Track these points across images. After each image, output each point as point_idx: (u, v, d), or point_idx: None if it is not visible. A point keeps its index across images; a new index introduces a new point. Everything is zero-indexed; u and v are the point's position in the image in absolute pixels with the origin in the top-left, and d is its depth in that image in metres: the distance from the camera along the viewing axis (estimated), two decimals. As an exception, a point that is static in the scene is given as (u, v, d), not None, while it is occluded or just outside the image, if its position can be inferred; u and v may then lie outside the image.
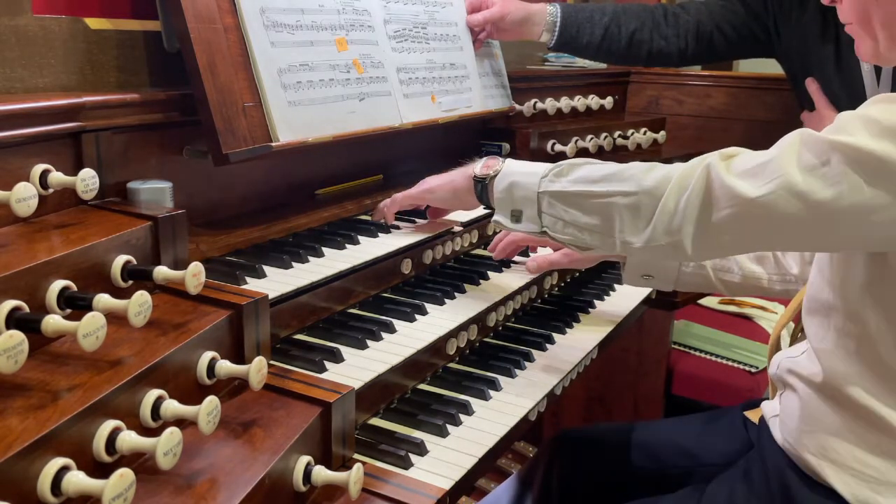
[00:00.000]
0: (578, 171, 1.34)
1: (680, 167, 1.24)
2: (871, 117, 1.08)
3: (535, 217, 1.38)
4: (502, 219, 1.44)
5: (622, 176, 1.28)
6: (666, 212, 1.22)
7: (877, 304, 1.19)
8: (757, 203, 1.13)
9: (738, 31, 2.30)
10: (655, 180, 1.24)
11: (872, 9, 1.20)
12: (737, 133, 2.94)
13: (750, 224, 1.16)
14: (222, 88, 1.39)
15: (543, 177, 1.37)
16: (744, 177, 1.16)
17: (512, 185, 1.41)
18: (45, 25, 1.30)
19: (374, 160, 1.97)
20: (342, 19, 1.70)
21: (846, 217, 1.09)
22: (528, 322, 1.79)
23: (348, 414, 1.18)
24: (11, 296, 0.93)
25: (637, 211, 1.25)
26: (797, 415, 1.31)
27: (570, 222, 1.34)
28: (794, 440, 1.31)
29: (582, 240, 1.35)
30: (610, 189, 1.28)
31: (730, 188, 1.16)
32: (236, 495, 0.92)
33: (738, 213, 1.16)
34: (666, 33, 2.30)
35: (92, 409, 0.89)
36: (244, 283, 1.34)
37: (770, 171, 1.13)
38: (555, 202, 1.35)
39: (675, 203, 1.21)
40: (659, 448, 1.67)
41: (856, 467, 1.22)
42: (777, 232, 1.16)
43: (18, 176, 1.11)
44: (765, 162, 1.15)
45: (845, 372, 1.23)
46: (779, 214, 1.12)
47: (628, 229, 1.27)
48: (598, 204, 1.29)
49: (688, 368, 2.90)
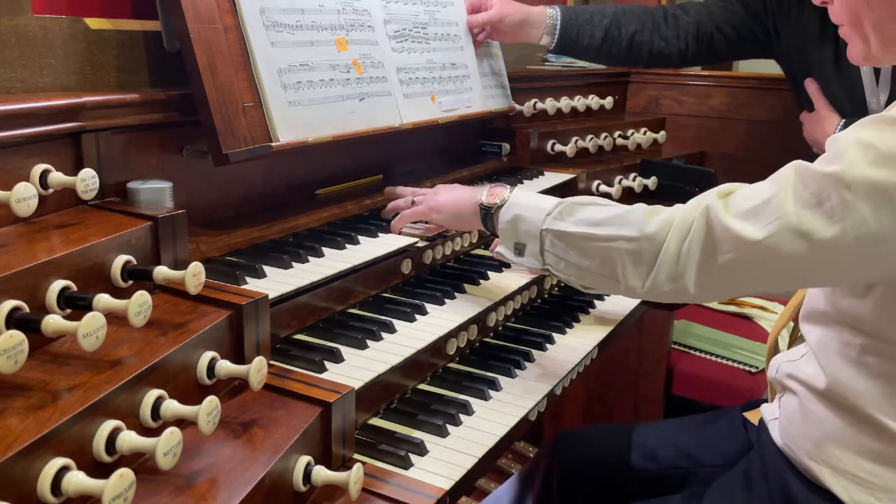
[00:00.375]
0: (582, 211, 1.33)
1: (680, 211, 1.22)
2: (867, 143, 1.05)
3: (537, 254, 1.38)
4: (505, 251, 1.44)
5: (624, 220, 1.27)
6: (668, 259, 1.21)
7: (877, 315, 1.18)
8: (760, 246, 1.11)
9: (738, 31, 2.30)
10: (657, 226, 1.23)
11: (863, 11, 1.20)
12: (737, 133, 2.95)
13: (755, 267, 1.14)
14: (222, 88, 1.39)
15: (548, 213, 1.36)
16: (744, 218, 1.14)
17: (517, 218, 1.40)
18: (45, 25, 1.30)
19: (374, 160, 1.97)
20: (342, 19, 1.70)
21: (853, 251, 1.07)
22: (528, 322, 1.79)
23: (348, 414, 1.18)
24: (11, 296, 0.93)
25: (639, 257, 1.24)
26: (797, 419, 1.31)
27: (572, 263, 1.34)
28: (794, 444, 1.30)
29: (584, 281, 1.35)
30: (612, 233, 1.27)
31: (731, 231, 1.14)
32: (236, 495, 0.92)
33: (741, 258, 1.14)
34: (666, 34, 2.29)
35: (92, 409, 0.89)
36: (244, 283, 1.34)
37: (770, 212, 1.11)
38: (557, 242, 1.34)
39: (676, 250, 1.20)
40: (658, 449, 1.67)
41: (856, 473, 1.21)
42: (784, 273, 1.14)
43: (18, 176, 1.11)
44: (764, 202, 1.12)
45: (847, 379, 1.22)
46: (783, 255, 1.10)
47: (631, 275, 1.26)
48: (599, 247, 1.29)
49: (688, 368, 2.90)
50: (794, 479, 1.30)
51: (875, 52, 1.23)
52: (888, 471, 1.19)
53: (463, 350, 1.58)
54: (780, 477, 1.32)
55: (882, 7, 1.18)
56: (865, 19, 1.20)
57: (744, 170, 2.94)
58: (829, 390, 1.25)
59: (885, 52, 1.22)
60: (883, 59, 1.25)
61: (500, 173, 2.27)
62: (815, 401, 1.28)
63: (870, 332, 1.19)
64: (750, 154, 2.93)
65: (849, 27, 1.24)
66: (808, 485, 1.28)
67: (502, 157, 2.36)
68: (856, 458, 1.21)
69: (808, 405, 1.29)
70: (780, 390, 1.41)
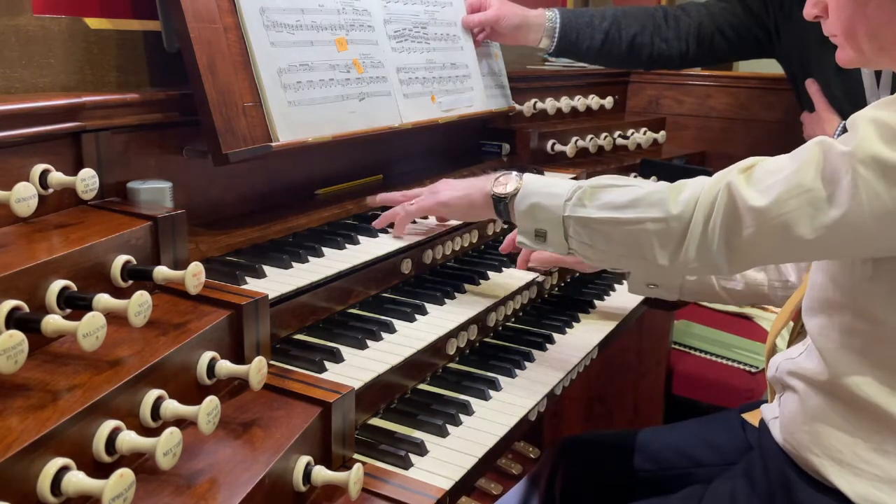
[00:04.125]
0: (603, 195, 1.33)
1: (704, 186, 1.24)
2: (882, 122, 1.08)
3: (561, 241, 1.37)
4: (526, 239, 1.43)
5: (649, 200, 1.28)
6: (696, 237, 1.23)
7: (886, 299, 1.18)
8: (781, 220, 1.14)
9: (739, 32, 2.29)
10: (683, 204, 1.24)
11: (859, 22, 1.20)
12: (737, 133, 2.95)
13: (778, 239, 1.16)
14: (222, 88, 1.39)
15: (567, 199, 1.35)
16: (765, 193, 1.16)
17: (534, 206, 1.39)
18: (45, 25, 1.30)
19: (374, 160, 1.97)
20: (342, 19, 1.70)
21: (870, 226, 1.09)
22: (528, 322, 1.79)
23: (348, 414, 1.18)
24: (11, 296, 0.93)
25: (667, 237, 1.26)
26: (799, 415, 1.31)
27: (598, 248, 1.34)
28: (796, 441, 1.30)
29: (612, 263, 1.36)
30: (638, 216, 1.28)
31: (753, 207, 1.16)
32: (236, 495, 0.92)
33: (764, 231, 1.16)
34: (667, 36, 2.27)
35: (92, 409, 0.89)
36: (244, 283, 1.34)
37: (791, 186, 1.14)
38: (581, 229, 1.34)
39: (703, 227, 1.22)
40: (658, 451, 1.67)
41: (859, 466, 1.21)
42: (806, 245, 1.16)
43: (18, 176, 1.11)
44: (785, 177, 1.15)
45: (850, 369, 1.22)
46: (805, 229, 1.13)
47: (660, 254, 1.27)
48: (626, 231, 1.29)
49: (688, 368, 2.90)
50: (796, 476, 1.30)
51: (870, 59, 1.24)
52: (890, 461, 1.19)
53: (463, 350, 1.58)
54: (782, 474, 1.32)
55: (879, 13, 1.18)
56: (861, 30, 1.21)
57: (744, 170, 2.95)
58: (829, 382, 1.25)
59: (881, 57, 1.23)
60: (880, 61, 1.26)
61: (500, 173, 2.27)
62: (816, 395, 1.28)
63: (876, 318, 1.20)
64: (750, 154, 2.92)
65: (843, 38, 1.25)
66: (809, 481, 1.28)
67: (502, 157, 2.36)
68: (857, 450, 1.21)
69: (808, 401, 1.29)
70: (779, 389, 1.41)
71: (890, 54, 1.22)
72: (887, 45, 1.20)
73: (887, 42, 1.20)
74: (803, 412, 1.30)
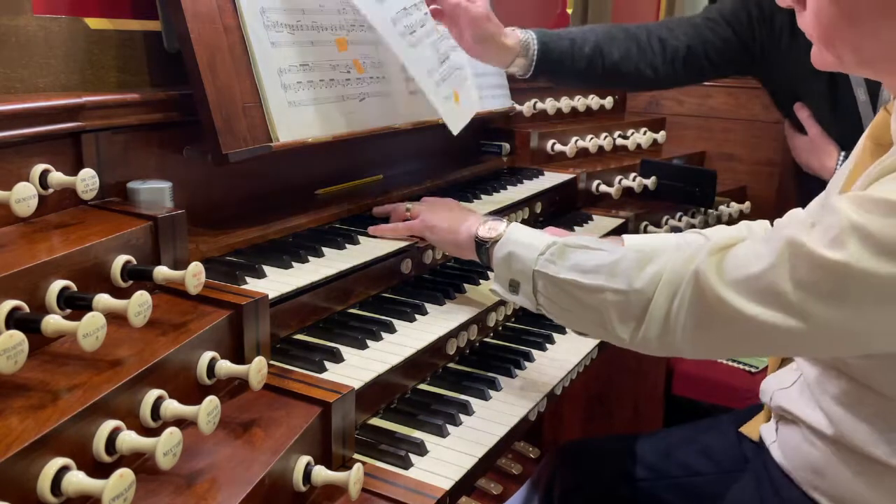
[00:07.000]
0: (572, 256, 1.29)
1: (670, 262, 1.17)
2: (866, 230, 0.98)
3: (530, 294, 1.34)
4: (499, 288, 1.41)
5: (613, 270, 1.22)
6: (657, 317, 1.16)
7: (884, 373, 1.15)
8: (756, 321, 1.06)
9: (724, 56, 2.16)
10: (646, 280, 1.17)
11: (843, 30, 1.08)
12: (737, 133, 2.95)
13: (750, 338, 1.10)
14: (222, 88, 1.39)
15: (541, 254, 1.32)
16: (737, 289, 1.08)
17: (510, 255, 1.36)
18: (45, 25, 1.30)
19: (375, 160, 1.97)
20: (342, 19, 1.70)
21: (852, 333, 1.04)
22: (528, 322, 1.79)
23: (348, 414, 1.18)
24: (11, 296, 0.93)
25: (627, 311, 1.20)
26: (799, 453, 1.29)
27: (564, 308, 1.30)
28: (799, 476, 1.29)
29: (575, 326, 1.33)
30: (600, 283, 1.23)
31: (725, 303, 1.08)
32: (236, 495, 0.92)
33: (735, 329, 1.10)
34: (654, 61, 2.08)
35: (92, 409, 0.89)
36: (244, 283, 1.34)
37: (764, 287, 1.06)
38: (548, 286, 1.31)
39: (665, 309, 1.15)
40: (655, 461, 1.66)
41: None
42: (778, 346, 1.14)
43: (18, 176, 1.11)
44: (758, 274, 1.06)
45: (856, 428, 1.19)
46: (782, 331, 1.05)
47: (619, 328, 1.21)
48: (587, 297, 1.25)
49: (688, 368, 2.90)
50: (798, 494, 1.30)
51: (850, 69, 1.15)
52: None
53: (463, 350, 1.58)
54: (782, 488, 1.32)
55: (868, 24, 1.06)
56: (843, 38, 1.09)
57: (744, 170, 2.95)
58: (834, 439, 1.22)
59: (863, 69, 1.15)
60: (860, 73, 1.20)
61: (499, 173, 2.27)
62: (819, 442, 1.26)
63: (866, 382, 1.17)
64: (750, 154, 2.94)
65: (820, 42, 1.13)
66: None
67: (502, 157, 2.37)
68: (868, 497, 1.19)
69: (810, 448, 1.27)
70: (776, 416, 1.39)
71: (874, 67, 1.12)
72: (871, 58, 1.10)
73: (871, 55, 1.09)
74: (805, 452, 1.28)
